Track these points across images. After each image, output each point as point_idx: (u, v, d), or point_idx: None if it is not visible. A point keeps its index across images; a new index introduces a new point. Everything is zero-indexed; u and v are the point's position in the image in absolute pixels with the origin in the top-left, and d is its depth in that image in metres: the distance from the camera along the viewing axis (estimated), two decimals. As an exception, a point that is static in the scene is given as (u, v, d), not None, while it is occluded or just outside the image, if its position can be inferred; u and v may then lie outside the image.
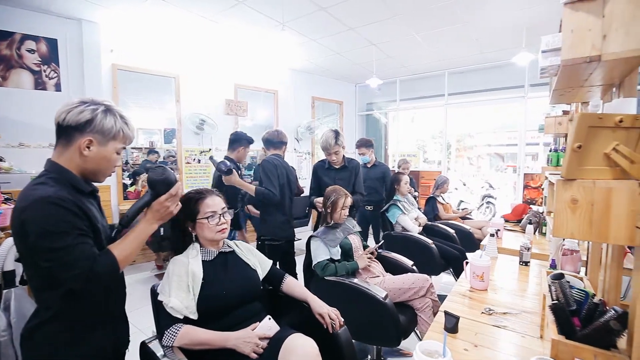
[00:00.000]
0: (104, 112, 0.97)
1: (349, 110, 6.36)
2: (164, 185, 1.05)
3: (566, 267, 1.53)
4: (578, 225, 0.82)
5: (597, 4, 0.79)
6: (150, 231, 1.04)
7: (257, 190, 2.29)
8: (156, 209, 1.04)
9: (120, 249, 0.96)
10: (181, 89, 4.27)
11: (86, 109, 0.94)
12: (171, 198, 1.06)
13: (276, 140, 2.52)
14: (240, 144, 2.84)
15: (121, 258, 0.95)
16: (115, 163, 1.03)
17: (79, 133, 0.94)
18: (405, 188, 3.08)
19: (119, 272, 0.97)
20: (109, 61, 3.72)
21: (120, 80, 3.83)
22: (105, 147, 0.98)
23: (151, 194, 1.05)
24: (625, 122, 0.78)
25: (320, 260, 1.95)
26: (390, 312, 1.75)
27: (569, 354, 0.87)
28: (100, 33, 3.62)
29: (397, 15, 3.50)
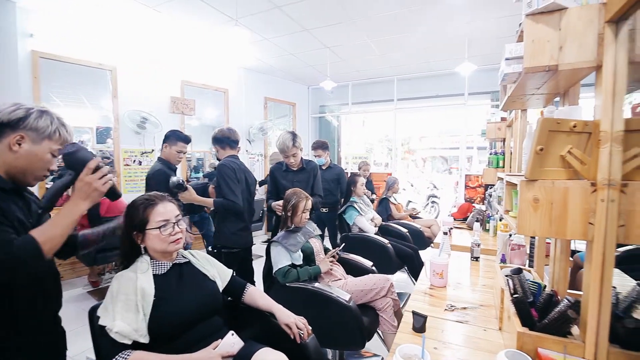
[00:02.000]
0: (40, 112, 0.97)
1: (302, 112, 6.34)
2: (79, 161, 1.00)
3: (515, 260, 1.66)
4: (540, 223, 0.87)
5: (554, 17, 0.85)
6: (78, 212, 0.97)
7: (216, 204, 2.12)
8: (78, 187, 0.98)
9: (41, 231, 0.88)
10: (119, 83, 3.86)
11: (20, 108, 0.94)
12: (94, 174, 0.99)
13: (232, 139, 2.34)
14: (167, 140, 2.47)
15: (43, 239, 0.87)
16: (49, 165, 0.99)
17: (11, 129, 0.93)
18: (361, 189, 3.14)
19: (42, 256, 0.87)
20: (28, 47, 3.21)
21: (43, 70, 3.33)
22: (39, 145, 0.96)
23: (70, 173, 1.02)
24: (577, 127, 0.84)
25: (281, 267, 1.88)
26: (354, 315, 1.73)
27: (533, 344, 0.92)
28: (18, 14, 3.12)
29: (351, 20, 3.57)
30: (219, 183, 2.16)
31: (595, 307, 0.84)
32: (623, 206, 0.80)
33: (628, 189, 0.80)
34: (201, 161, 5.39)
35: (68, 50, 3.47)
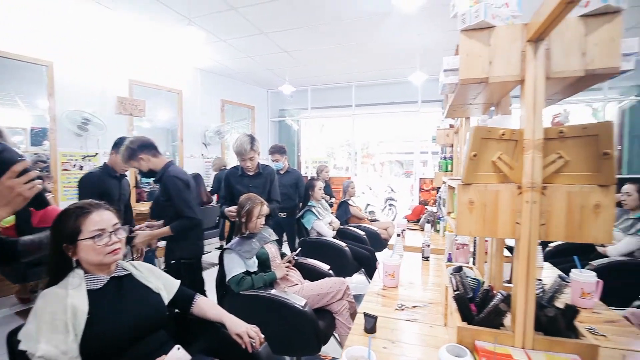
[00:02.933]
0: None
1: (261, 115, 6.26)
2: (2, 162, 0.92)
3: (459, 259, 1.77)
4: (475, 223, 0.94)
5: (485, 34, 0.92)
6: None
7: (175, 229, 2.01)
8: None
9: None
10: (56, 81, 3.53)
11: None
12: (18, 178, 0.90)
13: (153, 143, 2.15)
14: (116, 147, 2.36)
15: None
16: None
17: None
18: (319, 194, 3.16)
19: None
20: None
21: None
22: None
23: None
24: (506, 135, 0.92)
25: (235, 275, 1.82)
26: (310, 319, 1.73)
27: (471, 337, 0.98)
28: None
29: (309, 25, 3.60)
30: (171, 198, 2.01)
31: (523, 299, 0.92)
32: (543, 207, 0.89)
33: (547, 191, 0.89)
34: None
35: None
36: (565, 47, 0.86)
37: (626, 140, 5.09)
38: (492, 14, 0.89)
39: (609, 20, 0.83)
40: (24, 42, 3.28)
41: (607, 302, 1.87)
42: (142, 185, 4.62)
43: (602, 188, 0.84)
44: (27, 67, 3.38)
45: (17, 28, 3.23)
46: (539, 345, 0.93)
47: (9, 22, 3.17)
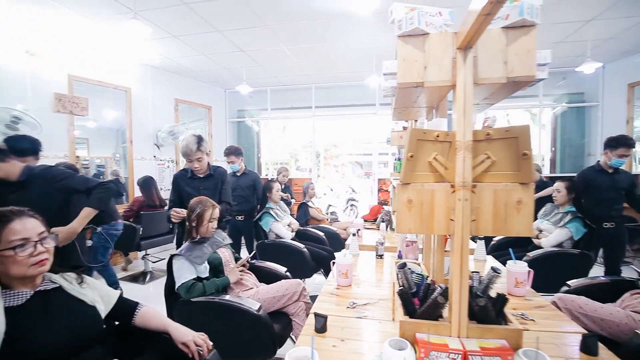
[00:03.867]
0: None
1: (219, 116, 6.07)
2: None
3: (409, 255, 1.84)
4: (413, 221, 0.98)
5: (420, 40, 0.97)
6: None
7: (95, 202, 1.84)
8: None
9: None
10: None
11: None
12: None
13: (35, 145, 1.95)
14: None
15: None
16: None
17: None
18: (277, 195, 3.13)
19: None
20: None
21: None
22: None
23: None
24: (440, 137, 0.97)
25: (184, 281, 1.74)
26: (265, 323, 1.71)
27: (412, 330, 1.02)
28: None
29: (265, 25, 3.56)
30: (65, 187, 1.80)
31: (457, 291, 0.98)
32: (474, 204, 0.95)
33: (477, 189, 0.95)
34: (102, 168, 4.74)
35: None
36: (490, 56, 0.93)
37: (559, 143, 5.65)
38: (426, 21, 0.94)
39: (525, 33, 0.91)
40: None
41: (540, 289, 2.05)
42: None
43: (522, 186, 0.92)
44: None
45: None
46: (473, 333, 0.99)
47: None
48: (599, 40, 3.95)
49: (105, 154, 4.79)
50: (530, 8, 0.87)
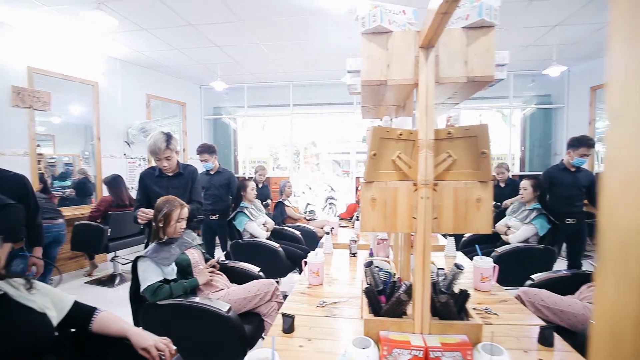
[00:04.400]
0: None
1: (194, 113, 5.91)
2: None
3: (380, 253, 1.85)
4: (377, 219, 0.98)
5: (383, 38, 0.97)
6: None
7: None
8: None
9: None
10: None
11: None
12: None
13: None
14: None
15: None
16: None
17: None
18: (252, 194, 3.08)
19: None
20: None
21: None
22: None
23: None
24: (403, 135, 0.98)
25: (150, 284, 1.68)
26: (234, 325, 1.67)
27: (376, 328, 1.02)
28: None
29: (240, 20, 3.49)
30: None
31: (420, 288, 0.99)
32: (435, 202, 0.96)
33: (438, 187, 0.96)
34: (70, 167, 4.50)
35: None
36: (451, 55, 0.94)
37: (528, 143, 5.88)
38: (389, 19, 0.94)
39: (485, 34, 0.92)
40: None
41: (507, 283, 2.12)
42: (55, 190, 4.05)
43: (482, 184, 0.94)
44: None
45: None
46: (435, 329, 1.00)
47: None
48: (565, 44, 4.14)
49: (74, 151, 4.55)
50: (489, 9, 0.89)
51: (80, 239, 3.42)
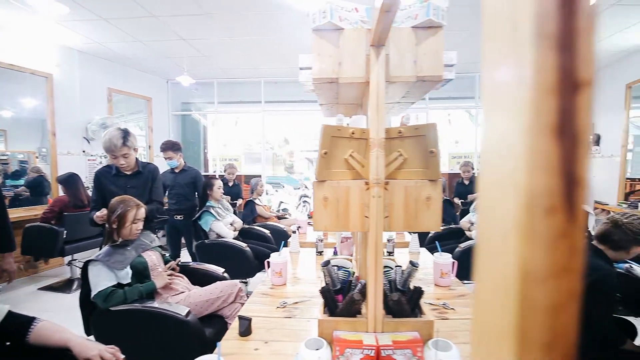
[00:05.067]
0: None
1: (161, 108, 5.68)
2: None
3: (344, 252, 1.85)
4: (329, 218, 0.97)
5: (334, 35, 0.95)
6: None
7: None
8: None
9: None
10: None
11: None
12: None
13: None
14: None
15: None
16: None
17: None
18: (218, 193, 3.00)
19: None
20: None
21: None
22: None
23: None
24: (356, 134, 0.97)
25: (102, 289, 1.59)
26: (193, 329, 1.61)
27: (331, 328, 1.02)
28: None
29: (208, 14, 3.38)
30: None
31: (372, 286, 0.99)
32: (387, 200, 0.96)
33: (389, 186, 0.96)
34: (25, 164, 4.17)
35: None
36: (400, 54, 0.94)
37: (492, 141, 6.13)
38: (340, 16, 0.93)
39: (433, 34, 0.93)
40: None
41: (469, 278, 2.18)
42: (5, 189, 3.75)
43: (431, 182, 0.95)
44: None
45: None
46: (388, 327, 1.01)
47: None
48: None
49: (30, 147, 4.24)
50: (436, 9, 0.90)
51: (32, 242, 3.19)
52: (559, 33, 0.16)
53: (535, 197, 0.16)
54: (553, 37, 0.16)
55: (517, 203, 0.17)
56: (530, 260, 0.17)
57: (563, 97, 0.16)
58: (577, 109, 0.16)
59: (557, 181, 0.16)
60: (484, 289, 0.21)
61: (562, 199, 0.16)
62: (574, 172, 0.16)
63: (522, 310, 0.17)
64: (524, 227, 0.16)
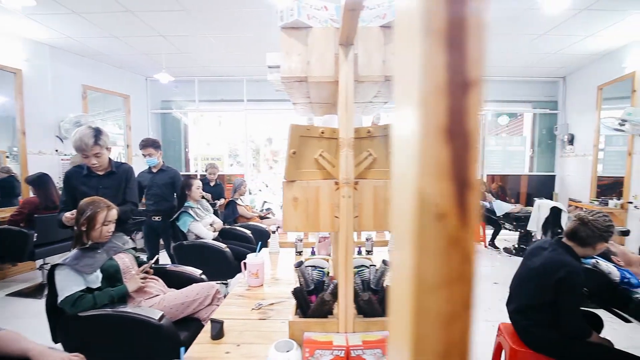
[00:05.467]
0: None
1: (140, 106, 5.52)
2: None
3: (321, 251, 1.85)
4: (299, 219, 0.96)
5: (302, 33, 0.94)
6: None
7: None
8: None
9: None
10: None
11: None
12: None
13: None
14: None
15: None
16: None
17: None
18: (197, 193, 2.94)
19: None
20: None
21: None
22: None
23: None
24: (326, 134, 0.96)
25: (69, 294, 1.52)
26: (167, 333, 1.57)
27: (302, 330, 1.01)
28: None
29: (184, 9, 3.30)
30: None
31: (343, 287, 0.99)
32: (356, 200, 0.96)
33: (359, 185, 0.96)
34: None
35: None
36: (369, 54, 0.94)
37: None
38: (309, 14, 0.91)
39: (402, 33, 0.93)
40: None
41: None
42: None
43: (401, 182, 0.95)
44: None
45: None
46: (359, 327, 1.01)
47: None
48: (501, 49, 4.44)
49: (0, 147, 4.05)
50: (404, 9, 0.90)
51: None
52: (447, 29, 0.15)
53: (426, 202, 0.16)
54: (441, 33, 0.15)
55: (410, 208, 0.16)
56: (423, 269, 0.16)
57: (453, 97, 0.15)
58: (467, 110, 0.15)
59: (448, 185, 0.15)
60: (394, 299, 0.20)
61: (454, 204, 0.16)
62: (465, 175, 0.15)
63: (417, 319, 0.16)
64: (416, 234, 0.16)
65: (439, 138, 0.15)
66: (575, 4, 3.09)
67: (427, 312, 0.16)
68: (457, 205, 0.16)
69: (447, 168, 0.15)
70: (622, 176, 4.15)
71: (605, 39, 3.92)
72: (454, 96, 0.15)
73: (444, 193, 0.16)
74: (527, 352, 1.64)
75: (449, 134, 0.15)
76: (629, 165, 4.03)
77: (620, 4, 3.12)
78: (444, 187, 0.16)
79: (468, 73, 0.15)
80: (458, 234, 0.16)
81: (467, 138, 0.15)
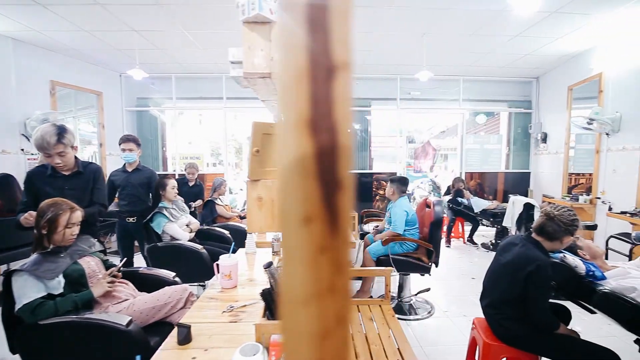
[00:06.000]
0: None
1: (113, 103, 5.32)
2: None
3: (297, 251, 1.82)
4: (264, 219, 0.93)
5: (266, 28, 0.91)
6: None
7: None
8: None
9: None
10: None
11: None
12: None
13: None
14: None
15: None
16: None
17: None
18: (172, 193, 2.86)
19: None
20: None
21: None
22: None
23: None
24: (292, 131, 0.94)
25: (28, 302, 1.44)
26: (135, 339, 1.52)
27: (268, 333, 0.98)
28: None
29: (158, 4, 3.19)
30: None
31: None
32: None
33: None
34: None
35: None
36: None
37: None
38: (270, 8, 0.89)
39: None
40: None
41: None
42: None
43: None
44: None
45: None
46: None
47: None
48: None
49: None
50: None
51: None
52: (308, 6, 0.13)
53: (289, 204, 0.14)
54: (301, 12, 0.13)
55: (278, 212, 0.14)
56: (290, 279, 0.14)
57: (316, 82, 0.13)
58: (333, 98, 0.13)
59: (313, 185, 0.13)
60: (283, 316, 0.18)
61: (321, 207, 0.14)
62: (333, 174, 0.13)
63: (287, 337, 0.14)
64: (283, 241, 0.14)
65: (300, 130, 0.13)
66: (544, 6, 3.18)
67: (295, 328, 0.14)
68: (325, 208, 0.14)
69: (311, 165, 0.13)
70: (591, 172, 4.32)
71: (574, 41, 4.06)
72: (317, 82, 0.13)
73: (308, 194, 0.14)
74: (500, 346, 1.67)
75: (312, 126, 0.13)
76: (596, 163, 4.20)
77: (585, 8, 3.24)
78: (308, 188, 0.14)
79: (333, 55, 0.13)
80: (327, 242, 0.14)
81: (334, 131, 0.13)
